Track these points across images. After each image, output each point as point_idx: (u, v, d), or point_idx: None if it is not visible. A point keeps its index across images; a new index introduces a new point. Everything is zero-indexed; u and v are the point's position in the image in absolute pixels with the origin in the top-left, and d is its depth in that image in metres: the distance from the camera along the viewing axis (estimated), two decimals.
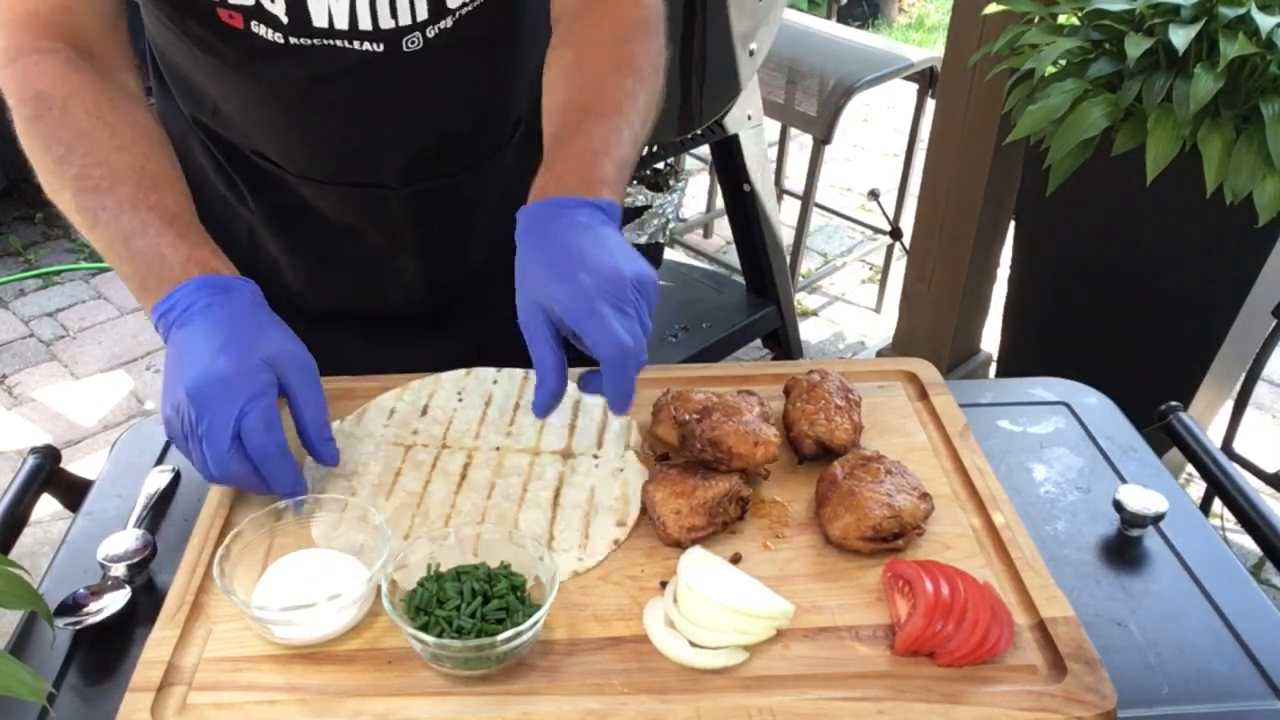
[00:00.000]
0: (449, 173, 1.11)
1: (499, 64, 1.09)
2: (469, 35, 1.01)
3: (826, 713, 0.71)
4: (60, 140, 0.91)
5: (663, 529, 0.85)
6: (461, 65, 1.04)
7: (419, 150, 1.07)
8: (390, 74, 1.00)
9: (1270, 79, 1.89)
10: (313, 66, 0.98)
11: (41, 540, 2.05)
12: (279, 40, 0.96)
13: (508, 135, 1.15)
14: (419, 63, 1.00)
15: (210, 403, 0.80)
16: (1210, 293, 2.08)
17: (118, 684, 0.75)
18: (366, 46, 0.97)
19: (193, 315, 0.85)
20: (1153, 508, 0.90)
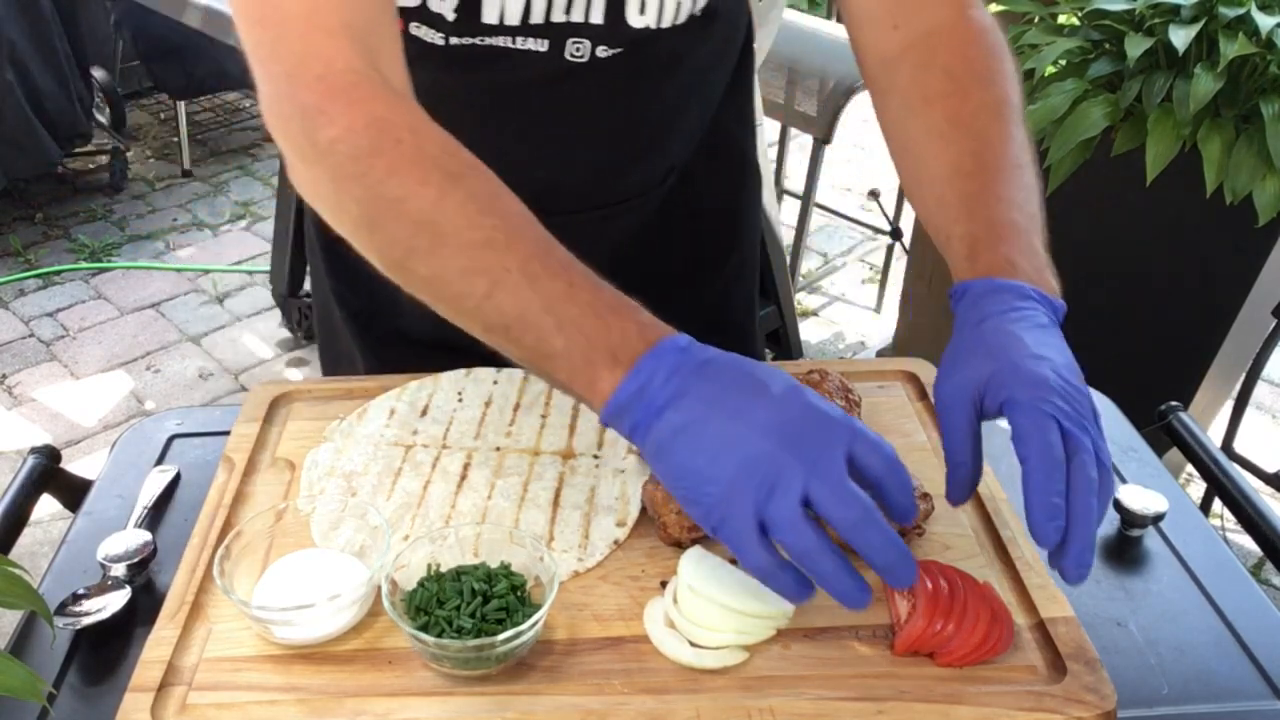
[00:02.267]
0: (586, 206, 1.03)
1: (666, 100, 1.00)
2: (637, 64, 0.93)
3: (826, 713, 0.71)
4: (428, 182, 0.72)
5: (663, 529, 0.84)
6: (622, 94, 0.95)
7: (560, 176, 1.00)
8: (547, 89, 0.92)
9: (1270, 79, 1.89)
10: (467, 72, 0.91)
11: (41, 540, 2.05)
12: (439, 42, 0.89)
13: (658, 180, 1.06)
14: (578, 81, 0.92)
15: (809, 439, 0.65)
16: (1210, 293, 2.09)
17: (118, 684, 0.75)
18: (530, 45, 0.88)
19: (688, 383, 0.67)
20: (1153, 508, 0.90)
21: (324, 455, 0.94)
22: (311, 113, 0.73)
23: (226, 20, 2.31)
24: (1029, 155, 0.84)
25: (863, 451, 0.65)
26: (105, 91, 3.89)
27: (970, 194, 0.81)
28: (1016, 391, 0.69)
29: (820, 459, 0.64)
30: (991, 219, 0.80)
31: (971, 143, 0.84)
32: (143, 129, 4.37)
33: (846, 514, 0.64)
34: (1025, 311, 0.74)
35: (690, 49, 0.98)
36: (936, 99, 0.87)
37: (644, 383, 0.67)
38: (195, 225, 3.71)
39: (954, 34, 0.89)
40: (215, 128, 4.32)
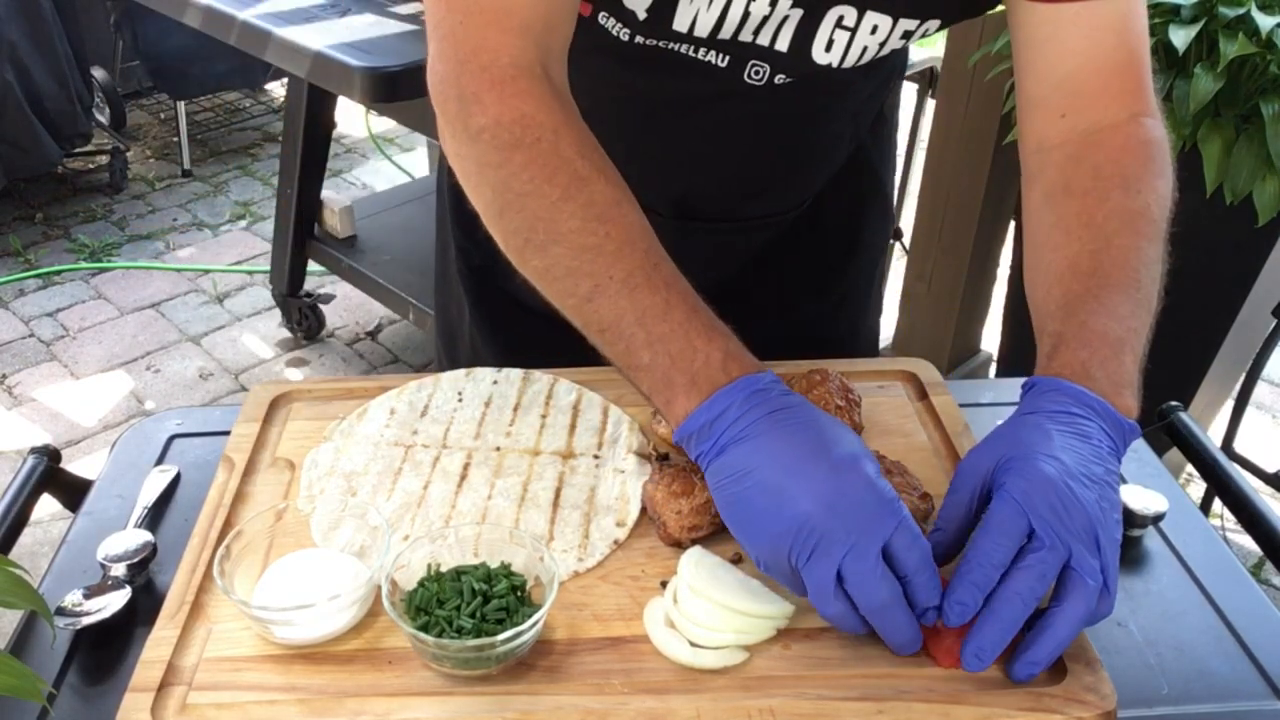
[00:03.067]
0: (724, 218, 1.04)
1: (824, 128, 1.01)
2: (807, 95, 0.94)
3: (826, 713, 0.71)
4: (553, 183, 0.75)
5: (663, 529, 0.84)
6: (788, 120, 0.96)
7: (706, 188, 1.01)
8: (717, 102, 0.92)
9: (1270, 79, 1.89)
10: (645, 73, 0.91)
11: (41, 540, 2.05)
12: (624, 37, 0.88)
13: (797, 203, 1.07)
14: (749, 101, 0.92)
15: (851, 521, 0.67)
16: (1210, 293, 2.08)
17: (118, 684, 0.75)
18: (711, 58, 0.88)
19: (756, 428, 0.70)
20: (1153, 508, 0.90)
21: (324, 455, 0.94)
22: (469, 99, 0.78)
23: (227, 20, 2.31)
24: (1153, 273, 0.82)
25: (902, 544, 0.67)
26: (105, 91, 3.89)
27: (1074, 295, 0.80)
28: (1008, 480, 0.70)
29: (859, 542, 0.66)
30: (1084, 323, 0.78)
31: (1094, 244, 0.82)
32: (143, 129, 4.37)
33: (873, 598, 0.67)
34: (1075, 418, 0.73)
35: (858, 82, 0.99)
36: (1076, 194, 0.85)
37: (715, 416, 0.70)
38: (195, 225, 3.71)
39: (1116, 136, 0.87)
40: (215, 128, 4.32)
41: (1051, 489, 0.68)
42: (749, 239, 1.09)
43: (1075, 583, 0.68)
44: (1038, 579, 0.68)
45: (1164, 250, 0.85)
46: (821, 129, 1.02)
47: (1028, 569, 0.68)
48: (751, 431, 0.70)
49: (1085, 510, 0.69)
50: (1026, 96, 0.91)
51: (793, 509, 0.67)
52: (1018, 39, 0.90)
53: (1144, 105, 0.88)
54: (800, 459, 0.68)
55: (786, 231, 1.11)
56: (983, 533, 0.69)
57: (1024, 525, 0.68)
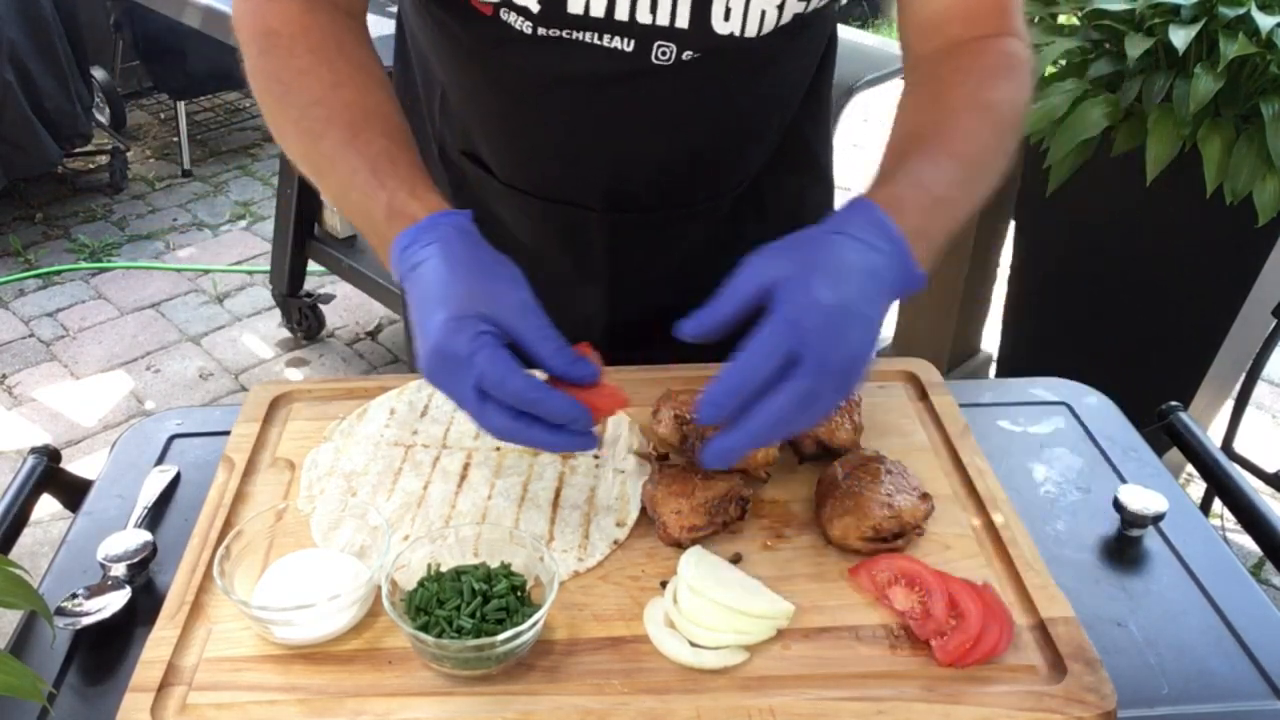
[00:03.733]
0: (657, 206, 1.05)
1: (746, 106, 1.02)
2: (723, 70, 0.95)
3: (826, 713, 0.71)
4: (280, 80, 0.90)
5: (663, 529, 0.84)
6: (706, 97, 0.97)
7: (631, 174, 1.02)
8: (628, 85, 0.94)
9: (1270, 79, 1.89)
10: (553, 63, 0.93)
11: (41, 540, 2.05)
12: (527, 31, 0.91)
13: (734, 185, 1.07)
14: (661, 81, 0.94)
15: (440, 380, 0.76)
16: (1210, 293, 2.09)
17: (118, 684, 0.75)
18: (616, 43, 0.91)
19: (406, 280, 0.80)
20: (1153, 508, 0.90)
21: (324, 455, 0.94)
22: (238, 23, 0.95)
23: (226, 20, 2.31)
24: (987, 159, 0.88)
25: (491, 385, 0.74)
26: (105, 91, 3.90)
27: (911, 150, 0.86)
28: (785, 304, 0.72)
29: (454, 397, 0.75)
30: (911, 171, 0.83)
31: (938, 116, 0.89)
32: (143, 129, 4.37)
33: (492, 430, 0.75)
34: (874, 250, 0.76)
35: (778, 59, 0.99)
36: (935, 80, 0.93)
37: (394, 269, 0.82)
38: (195, 225, 3.71)
39: (978, 44, 0.93)
40: (215, 128, 4.32)
41: (828, 320, 0.71)
42: (688, 228, 1.08)
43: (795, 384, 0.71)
44: (797, 407, 0.71)
45: (1005, 144, 0.89)
46: (744, 107, 1.02)
47: (789, 393, 0.70)
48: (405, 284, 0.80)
49: (851, 351, 0.72)
50: (908, 19, 0.97)
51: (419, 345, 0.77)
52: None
53: (1009, 26, 0.95)
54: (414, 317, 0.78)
55: (728, 218, 1.10)
56: (751, 341, 0.72)
57: (790, 347, 0.70)
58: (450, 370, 0.75)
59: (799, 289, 0.72)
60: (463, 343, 0.74)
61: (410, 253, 0.80)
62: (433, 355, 0.75)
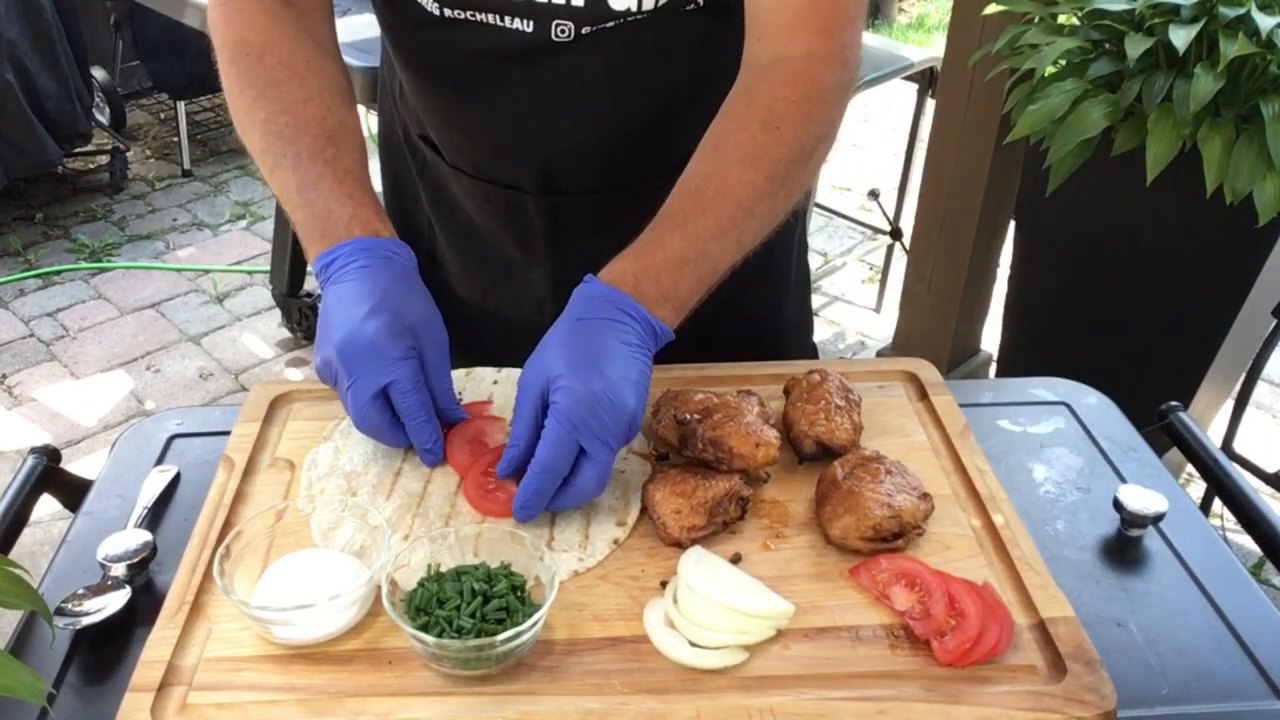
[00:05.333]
0: (594, 189, 1.06)
1: (668, 88, 1.02)
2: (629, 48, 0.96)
3: (826, 713, 0.71)
4: (253, 86, 0.96)
5: (663, 529, 0.84)
6: (618, 76, 0.99)
7: (560, 156, 1.04)
8: (537, 67, 0.97)
9: (1270, 79, 1.89)
10: (461, 44, 0.98)
11: (41, 540, 2.05)
12: (435, 12, 0.96)
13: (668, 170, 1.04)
14: (567, 60, 0.96)
15: (357, 363, 0.85)
16: (1210, 293, 2.09)
17: (118, 684, 0.75)
18: (517, 24, 0.95)
19: (348, 273, 0.88)
20: (1153, 508, 0.90)
21: (324, 455, 0.94)
22: (213, 28, 1.00)
23: None
24: (761, 208, 0.91)
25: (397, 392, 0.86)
26: (105, 91, 3.89)
27: (671, 209, 0.91)
28: (562, 401, 0.81)
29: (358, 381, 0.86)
30: (660, 237, 0.89)
31: (711, 167, 0.92)
32: (143, 129, 4.37)
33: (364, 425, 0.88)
34: (618, 327, 0.84)
35: (697, 41, 0.99)
36: (724, 118, 0.94)
37: (328, 262, 0.90)
38: (195, 225, 3.71)
39: (783, 69, 0.93)
40: (215, 128, 4.32)
41: (596, 409, 0.81)
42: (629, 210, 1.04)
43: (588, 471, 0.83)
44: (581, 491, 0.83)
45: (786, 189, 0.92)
46: (663, 86, 1.02)
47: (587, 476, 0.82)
48: (340, 276, 0.89)
49: (623, 414, 0.82)
50: (746, 19, 0.97)
51: (328, 341, 0.87)
52: None
53: (823, 45, 0.94)
54: (349, 304, 0.87)
55: None
56: (543, 448, 0.81)
57: (574, 441, 0.81)
58: (371, 361, 0.85)
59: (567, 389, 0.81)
60: (397, 347, 0.86)
61: (365, 255, 0.89)
62: (357, 342, 0.85)
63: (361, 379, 0.85)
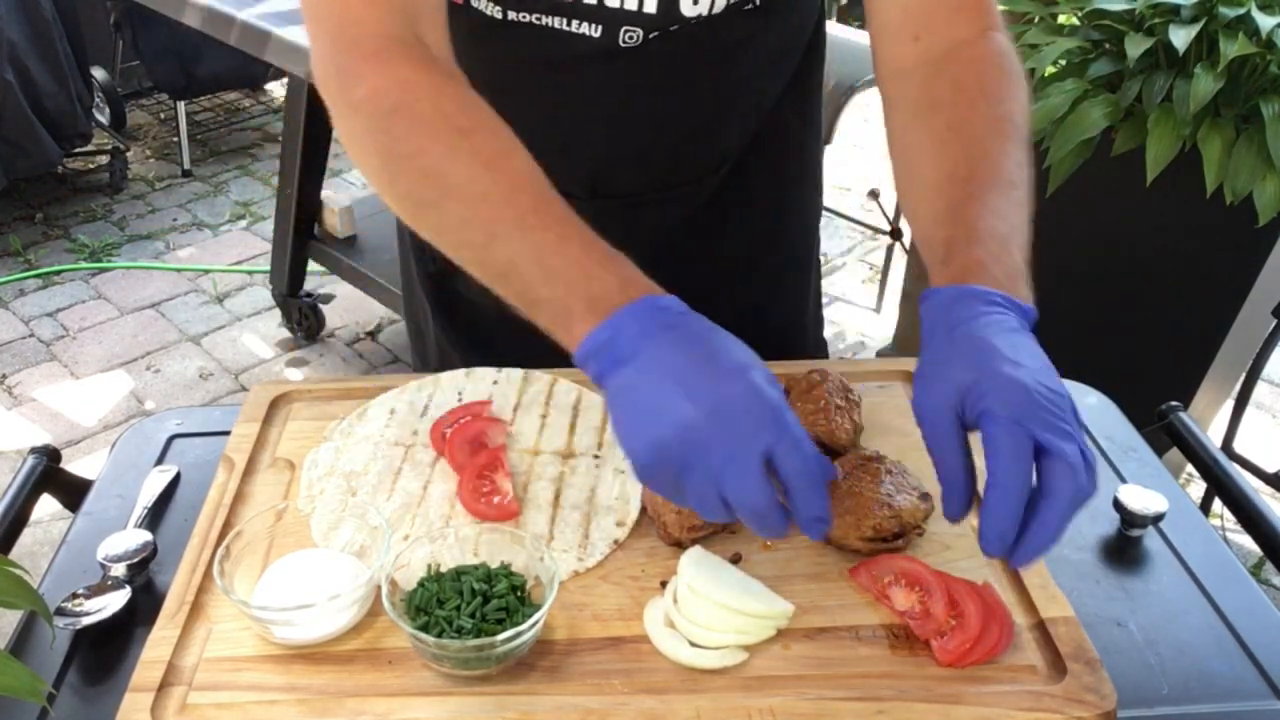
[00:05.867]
0: (637, 190, 1.04)
1: (719, 88, 1.01)
2: (690, 51, 0.94)
3: (826, 713, 0.71)
4: (438, 139, 0.77)
5: (663, 529, 0.84)
6: (677, 78, 0.97)
7: (612, 159, 1.02)
8: (601, 71, 0.94)
9: (1270, 79, 1.89)
10: (525, 49, 0.93)
11: (41, 540, 2.05)
12: (497, 16, 0.91)
13: (709, 169, 1.05)
14: (632, 64, 0.94)
15: (738, 425, 0.66)
16: (1210, 293, 2.09)
17: (118, 684, 0.75)
18: (584, 29, 0.91)
19: (655, 341, 0.69)
20: (1153, 508, 0.90)
21: (324, 455, 0.94)
22: (346, 74, 0.80)
23: (226, 20, 2.31)
24: (1024, 174, 0.84)
25: (782, 451, 0.66)
26: (105, 91, 3.89)
27: (958, 200, 0.82)
28: (993, 403, 0.68)
29: (739, 450, 0.66)
30: (972, 224, 0.79)
31: (967, 152, 0.84)
32: (143, 129, 4.37)
33: (748, 505, 0.66)
34: (994, 316, 0.73)
35: (747, 40, 0.99)
36: (942, 107, 0.88)
37: (613, 335, 0.70)
38: (195, 225, 3.71)
39: (970, 51, 0.90)
40: (215, 128, 4.32)
41: (1036, 399, 0.68)
42: (666, 212, 1.08)
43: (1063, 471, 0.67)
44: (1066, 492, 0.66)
45: (1027, 156, 0.86)
46: (715, 89, 1.01)
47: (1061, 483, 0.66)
48: (645, 346, 0.69)
49: (1067, 399, 0.69)
50: (878, 24, 0.94)
51: (676, 414, 0.66)
52: None
53: (990, 20, 0.91)
54: (687, 366, 0.68)
55: (712, 204, 1.10)
56: (999, 461, 0.67)
57: (1030, 441, 0.67)
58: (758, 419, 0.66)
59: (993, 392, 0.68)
60: (770, 395, 0.67)
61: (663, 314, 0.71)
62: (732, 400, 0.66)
63: (745, 443, 0.66)
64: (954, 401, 0.70)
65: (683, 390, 0.67)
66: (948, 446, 0.70)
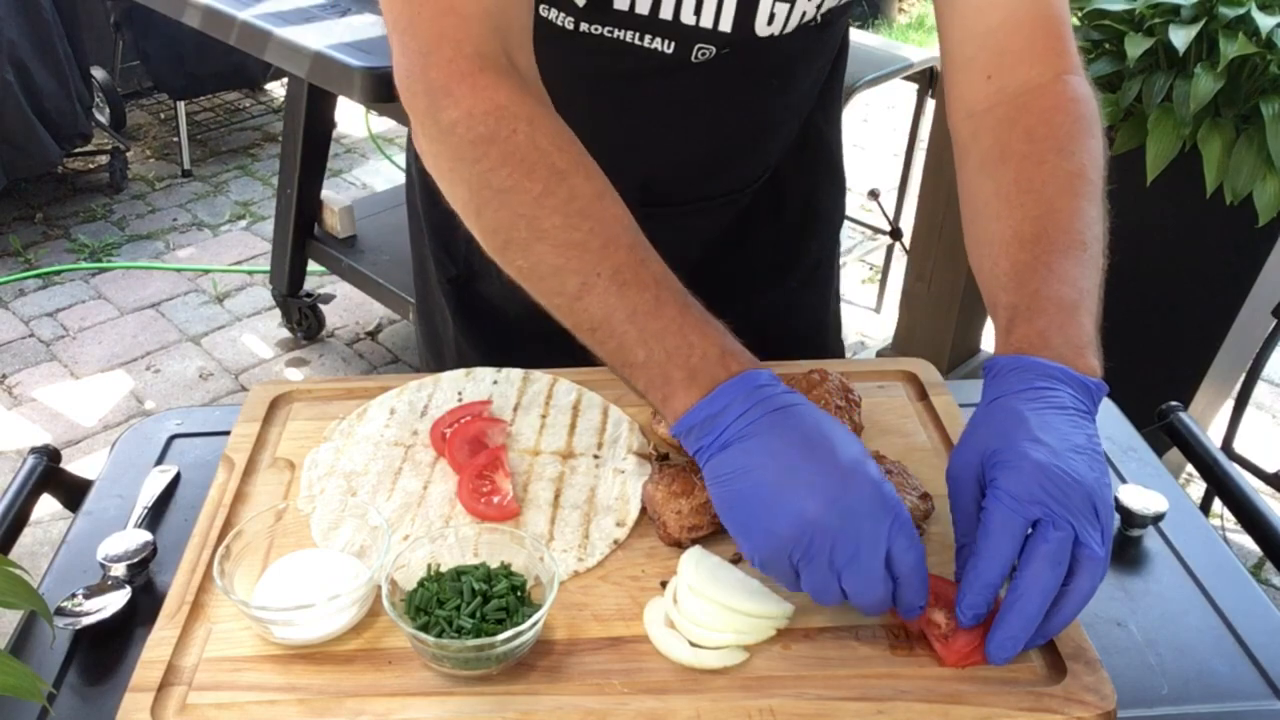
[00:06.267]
0: (689, 200, 1.04)
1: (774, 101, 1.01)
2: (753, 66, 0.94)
3: (826, 713, 0.71)
4: (533, 176, 0.74)
5: (663, 529, 0.84)
6: (739, 92, 0.96)
7: (666, 169, 1.01)
8: (668, 84, 0.93)
9: (1270, 79, 1.89)
10: (594, 60, 0.92)
11: (41, 540, 2.05)
12: (569, 26, 0.89)
13: (755, 178, 1.06)
14: (698, 78, 0.93)
15: (859, 526, 0.67)
16: (1210, 293, 2.09)
17: (118, 684, 0.75)
18: (657, 45, 0.89)
19: (758, 426, 0.69)
20: (1153, 508, 0.90)
21: (324, 455, 0.94)
22: (438, 93, 0.76)
23: (227, 20, 2.31)
24: (1096, 232, 0.82)
25: (900, 548, 0.68)
26: (105, 91, 3.89)
27: (1023, 264, 0.80)
28: (999, 476, 0.69)
29: (862, 548, 0.67)
30: (1037, 291, 0.78)
31: (1036, 210, 0.82)
32: (143, 129, 4.37)
33: (868, 600, 0.69)
34: (1043, 390, 0.72)
35: (804, 54, 0.99)
36: (1013, 160, 0.85)
37: (716, 412, 0.69)
38: (195, 225, 3.71)
39: (1045, 96, 0.86)
40: (215, 128, 4.32)
41: (1044, 474, 0.68)
42: (713, 218, 1.08)
43: (1083, 558, 0.68)
44: (1053, 567, 0.68)
45: (1103, 209, 0.84)
46: (774, 101, 1.02)
47: (1042, 560, 0.68)
48: (754, 430, 0.68)
49: (1082, 485, 0.68)
50: (951, 60, 0.91)
51: (797, 508, 0.67)
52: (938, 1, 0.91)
53: (1068, 63, 0.88)
54: (804, 458, 0.68)
55: (747, 208, 1.10)
56: (984, 534, 0.69)
57: (1022, 520, 0.68)
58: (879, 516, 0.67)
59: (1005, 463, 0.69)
60: (888, 492, 0.68)
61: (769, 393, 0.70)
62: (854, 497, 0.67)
63: (870, 543, 0.67)
64: (976, 468, 0.71)
65: (803, 483, 0.67)
66: (963, 509, 0.72)
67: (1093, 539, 0.68)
